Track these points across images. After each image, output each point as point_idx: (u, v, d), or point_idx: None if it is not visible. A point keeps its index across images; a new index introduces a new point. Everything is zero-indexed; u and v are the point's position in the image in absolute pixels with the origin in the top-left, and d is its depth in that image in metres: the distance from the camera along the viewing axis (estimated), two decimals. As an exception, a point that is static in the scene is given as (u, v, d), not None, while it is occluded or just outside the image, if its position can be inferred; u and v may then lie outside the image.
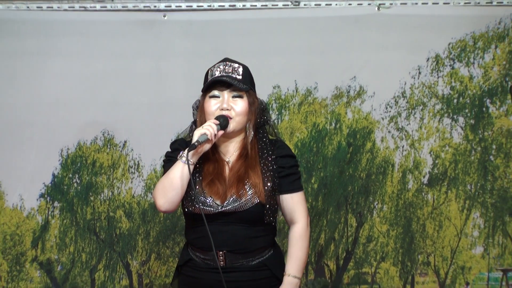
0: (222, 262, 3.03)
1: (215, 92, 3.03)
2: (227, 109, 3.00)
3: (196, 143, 2.85)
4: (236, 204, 3.00)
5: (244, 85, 3.04)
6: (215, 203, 2.98)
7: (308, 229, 3.16)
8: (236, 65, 3.11)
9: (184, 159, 2.90)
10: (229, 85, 3.00)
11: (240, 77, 3.06)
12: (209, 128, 2.88)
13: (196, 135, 2.89)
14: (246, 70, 3.14)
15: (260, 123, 3.18)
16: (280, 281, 3.11)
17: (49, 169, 4.78)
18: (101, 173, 4.81)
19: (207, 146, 2.93)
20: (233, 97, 3.04)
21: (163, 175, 3.09)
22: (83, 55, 4.76)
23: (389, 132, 4.76)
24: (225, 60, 3.12)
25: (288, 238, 3.18)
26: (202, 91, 3.10)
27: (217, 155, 3.08)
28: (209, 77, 3.09)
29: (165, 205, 3.00)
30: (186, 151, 2.92)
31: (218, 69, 3.09)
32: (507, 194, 4.77)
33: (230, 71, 3.09)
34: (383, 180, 4.77)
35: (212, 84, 3.02)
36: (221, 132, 2.93)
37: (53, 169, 4.78)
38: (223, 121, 2.94)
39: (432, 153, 4.77)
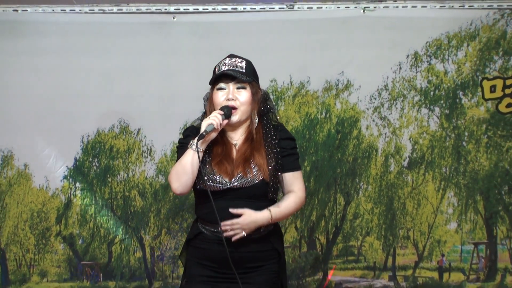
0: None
1: (222, 85, 3.14)
2: (232, 99, 3.11)
3: (204, 133, 2.98)
4: (242, 180, 3.10)
5: (247, 77, 3.13)
6: (224, 180, 3.08)
7: (303, 200, 3.28)
8: (240, 60, 3.20)
9: (194, 147, 3.02)
10: (233, 77, 3.11)
11: (243, 70, 3.16)
12: (215, 119, 3.01)
13: (204, 125, 3.02)
14: (249, 64, 3.22)
15: (263, 111, 3.28)
16: (280, 254, 3.23)
17: (72, 154, 4.93)
18: (117, 157, 4.96)
19: (214, 134, 3.05)
20: (237, 88, 3.13)
21: (177, 160, 3.22)
22: (101, 53, 4.90)
23: (373, 120, 4.90)
24: (231, 56, 3.23)
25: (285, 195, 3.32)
26: (210, 83, 3.22)
27: (225, 138, 3.18)
28: (216, 71, 3.20)
29: (179, 188, 3.11)
30: (195, 140, 3.04)
31: (224, 64, 3.18)
32: (478, 176, 4.87)
33: (234, 65, 3.17)
34: (368, 164, 4.90)
35: (218, 77, 3.14)
36: (226, 121, 3.04)
37: (75, 153, 4.92)
38: (227, 111, 3.05)
39: (411, 139, 4.90)
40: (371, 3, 4.88)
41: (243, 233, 3.07)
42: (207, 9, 4.87)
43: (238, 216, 3.08)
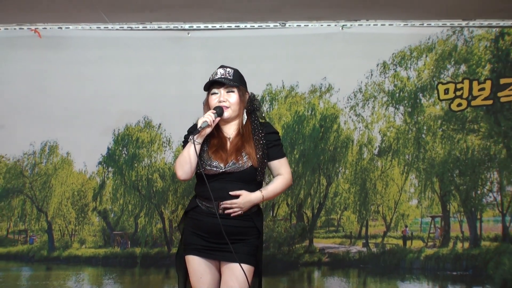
0: (221, 210, 3.28)
1: (214, 90, 3.35)
2: (223, 101, 3.31)
3: (199, 129, 3.17)
4: (235, 166, 3.28)
5: (234, 83, 3.34)
6: (220, 165, 3.27)
7: (289, 181, 3.45)
8: (229, 69, 3.41)
9: (193, 140, 3.19)
10: (223, 84, 3.32)
11: (231, 77, 3.35)
12: (208, 117, 3.21)
13: (199, 122, 3.21)
14: (236, 72, 3.42)
15: (251, 109, 3.44)
16: (259, 232, 3.38)
17: (105, 144, 5.11)
18: (142, 147, 5.13)
19: (208, 130, 3.25)
20: (227, 92, 3.33)
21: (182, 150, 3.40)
22: (129, 62, 5.05)
23: (349, 117, 5.10)
24: (221, 66, 3.44)
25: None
26: (204, 89, 3.41)
27: (221, 133, 3.38)
28: (210, 79, 3.38)
29: (183, 175, 3.30)
30: (194, 135, 3.19)
31: (216, 74, 3.39)
32: (434, 162, 5.07)
33: (224, 74, 3.37)
34: (345, 152, 5.10)
35: (211, 84, 3.36)
36: (218, 118, 3.26)
37: (108, 144, 5.12)
38: (219, 110, 3.25)
39: (380, 132, 5.11)
40: (348, 22, 5.02)
41: (240, 211, 3.24)
42: (215, 26, 5.04)
43: (236, 197, 3.26)
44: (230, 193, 3.24)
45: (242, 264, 3.27)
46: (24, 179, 5.17)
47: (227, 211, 3.25)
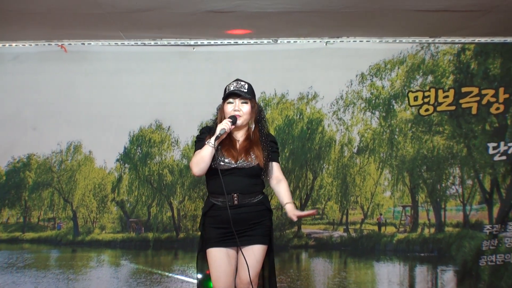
0: (236, 201, 3.34)
1: (231, 100, 3.39)
2: (238, 111, 3.37)
3: (218, 135, 3.24)
4: (244, 164, 3.36)
5: (248, 95, 3.40)
6: (231, 162, 3.34)
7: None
8: (243, 83, 3.46)
9: (211, 144, 3.25)
10: (239, 95, 3.37)
11: (245, 90, 3.41)
12: (226, 125, 3.28)
13: (218, 129, 3.27)
14: (250, 86, 3.48)
15: (258, 120, 3.50)
16: (271, 212, 3.52)
17: (122, 144, 5.13)
18: (154, 146, 5.13)
19: (224, 135, 3.30)
20: (242, 102, 3.39)
21: (195, 150, 3.42)
22: (142, 73, 5.07)
23: (332, 120, 5.13)
24: (237, 80, 3.48)
25: (278, 186, 3.53)
26: (222, 99, 3.44)
27: (232, 136, 3.43)
28: (227, 90, 3.43)
29: (198, 172, 3.34)
30: (213, 139, 3.26)
31: (233, 85, 3.43)
32: (405, 159, 5.11)
33: (239, 87, 3.42)
34: (329, 150, 5.13)
35: (229, 95, 3.40)
36: (233, 126, 3.31)
37: (125, 143, 5.12)
38: (233, 119, 3.31)
39: (359, 133, 5.14)
40: (331, 38, 5.02)
41: (305, 212, 3.62)
42: (217, 42, 5.05)
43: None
44: (297, 214, 3.46)
45: (257, 246, 3.37)
46: (53, 174, 5.16)
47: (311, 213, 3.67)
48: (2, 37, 5.00)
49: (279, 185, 3.53)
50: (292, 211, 3.43)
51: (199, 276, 3.80)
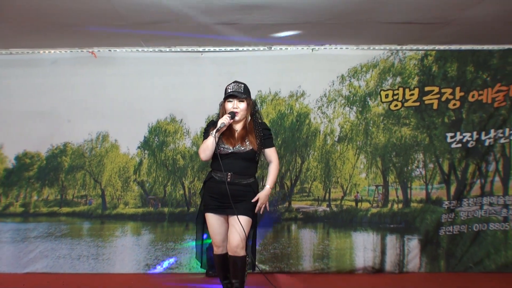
0: (229, 179, 3.47)
1: (230, 99, 3.52)
2: (236, 108, 3.49)
3: (219, 128, 3.38)
4: (241, 149, 3.49)
5: (244, 95, 3.52)
6: (230, 148, 3.48)
7: (278, 164, 3.68)
8: (240, 84, 3.57)
9: (213, 135, 3.39)
10: (236, 96, 3.50)
11: (242, 91, 3.53)
12: (225, 119, 3.42)
13: (219, 123, 3.40)
14: (245, 86, 3.59)
15: (253, 113, 3.61)
16: (255, 194, 3.55)
17: (142, 134, 5.15)
18: (169, 135, 5.14)
19: (224, 128, 3.43)
20: (239, 101, 3.51)
21: (203, 140, 3.52)
22: (159, 75, 5.07)
23: (317, 114, 5.13)
24: (235, 82, 3.59)
25: (269, 167, 3.64)
26: (223, 99, 3.56)
27: (231, 127, 3.54)
28: (228, 90, 3.54)
29: (204, 158, 3.49)
30: (214, 131, 3.39)
31: (231, 86, 3.55)
32: (378, 146, 5.12)
33: (237, 88, 3.54)
34: (314, 139, 5.13)
35: (229, 96, 3.51)
36: (231, 120, 3.45)
37: (144, 133, 5.15)
38: (232, 115, 3.44)
39: (339, 125, 5.13)
40: (316, 46, 5.04)
41: (266, 204, 3.54)
42: (222, 49, 5.06)
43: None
44: (253, 200, 3.50)
45: (241, 216, 3.47)
46: (85, 159, 5.18)
47: (258, 208, 3.53)
48: (43, 45, 5.02)
49: (269, 166, 3.65)
50: (261, 193, 3.53)
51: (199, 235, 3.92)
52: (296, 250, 5.11)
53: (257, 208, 3.54)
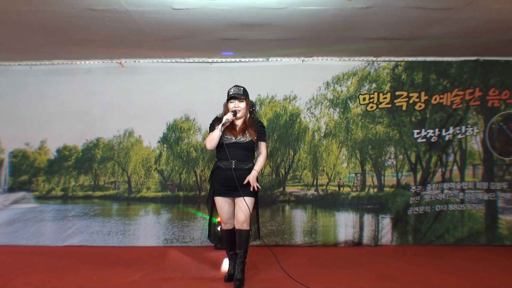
0: (233, 165, 3.47)
1: (232, 100, 3.55)
2: (237, 107, 3.52)
3: (224, 122, 3.41)
4: (242, 140, 3.51)
5: (243, 96, 3.54)
6: (233, 139, 3.50)
7: (266, 158, 3.60)
8: (240, 87, 3.59)
9: (219, 128, 3.41)
10: (237, 97, 3.53)
11: (241, 93, 3.55)
12: (229, 116, 3.46)
13: (224, 119, 3.44)
14: (244, 89, 3.60)
15: (251, 111, 3.63)
16: (257, 179, 3.54)
17: (162, 130, 5.13)
18: (183, 132, 5.13)
19: (228, 123, 3.46)
20: (239, 101, 3.53)
21: (209, 133, 3.53)
22: (175, 81, 5.06)
23: (307, 114, 5.12)
24: (236, 85, 3.61)
25: (258, 157, 3.57)
26: (226, 100, 3.59)
27: (234, 123, 3.56)
28: (230, 92, 3.55)
29: (210, 147, 3.50)
30: (220, 125, 3.41)
31: (232, 89, 3.56)
32: (357, 141, 5.11)
33: (237, 91, 3.55)
34: (304, 135, 5.12)
35: (230, 97, 3.55)
36: (234, 117, 3.48)
37: (163, 130, 5.14)
38: (234, 113, 3.49)
39: (325, 123, 5.12)
40: (306, 57, 5.02)
41: (257, 184, 3.44)
42: (227, 60, 5.06)
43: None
44: (244, 183, 3.39)
45: (246, 197, 3.47)
46: (114, 151, 5.18)
47: (253, 186, 3.42)
48: (80, 57, 5.03)
49: (258, 157, 3.60)
50: (249, 176, 3.44)
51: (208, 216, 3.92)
52: (289, 227, 5.10)
53: (251, 185, 3.48)
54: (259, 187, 3.53)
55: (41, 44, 4.38)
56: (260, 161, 3.56)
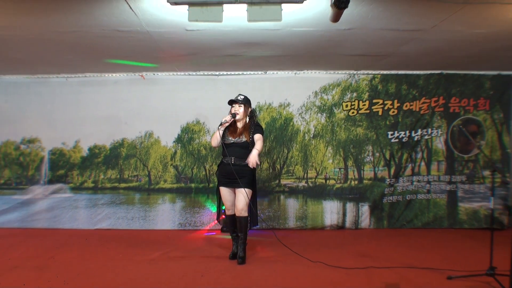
0: (232, 161, 3.49)
1: (233, 104, 3.58)
2: (236, 110, 3.54)
3: (222, 123, 3.43)
4: (239, 140, 3.52)
5: (242, 102, 3.55)
6: (233, 139, 3.52)
7: (262, 147, 3.53)
8: (242, 95, 3.62)
9: (218, 128, 3.45)
10: (237, 102, 3.55)
11: (241, 99, 3.58)
12: (227, 117, 3.48)
13: (223, 120, 3.45)
14: (245, 97, 3.63)
15: (250, 116, 3.61)
16: (253, 170, 3.47)
17: (176, 132, 5.12)
18: (194, 133, 5.11)
19: (227, 124, 3.45)
20: (238, 106, 3.55)
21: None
22: (187, 91, 5.04)
23: (298, 119, 5.10)
24: (239, 94, 3.66)
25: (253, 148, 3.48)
26: (228, 104, 3.62)
27: (235, 125, 3.58)
28: (232, 99, 3.58)
29: (214, 145, 3.53)
30: (219, 125, 3.44)
31: (235, 97, 3.61)
32: (340, 141, 5.09)
33: (237, 97, 3.60)
34: (296, 136, 5.09)
35: (231, 101, 3.57)
36: (232, 119, 3.47)
37: (178, 132, 5.12)
38: (233, 115, 3.49)
39: (313, 126, 5.09)
40: (298, 71, 4.98)
41: (257, 162, 3.39)
42: (232, 73, 5.02)
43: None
44: (247, 161, 3.36)
45: (244, 189, 3.48)
46: (136, 149, 5.17)
47: (251, 164, 3.34)
48: (108, 70, 5.01)
49: (256, 142, 3.55)
50: (250, 155, 3.39)
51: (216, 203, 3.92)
52: (284, 213, 5.11)
53: (250, 164, 3.39)
54: (259, 162, 3.45)
55: (75, 59, 4.40)
56: (258, 143, 3.49)
